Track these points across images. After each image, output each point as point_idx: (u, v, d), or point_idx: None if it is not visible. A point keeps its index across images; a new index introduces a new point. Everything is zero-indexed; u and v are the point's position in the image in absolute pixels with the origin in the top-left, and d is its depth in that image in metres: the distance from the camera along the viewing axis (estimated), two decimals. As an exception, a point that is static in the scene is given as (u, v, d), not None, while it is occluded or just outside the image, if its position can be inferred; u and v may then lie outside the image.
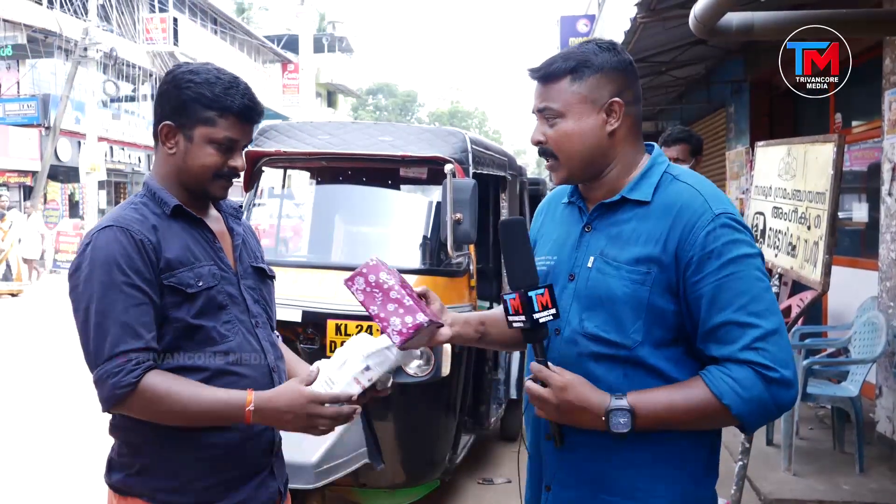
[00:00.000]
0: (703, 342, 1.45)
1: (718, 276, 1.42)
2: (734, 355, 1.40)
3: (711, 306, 1.42)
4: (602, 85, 1.53)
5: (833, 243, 3.02)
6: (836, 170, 3.00)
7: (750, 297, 1.41)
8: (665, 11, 5.24)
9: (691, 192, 1.50)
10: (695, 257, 1.43)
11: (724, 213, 1.46)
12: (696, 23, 3.77)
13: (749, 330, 1.39)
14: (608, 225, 1.55)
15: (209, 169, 1.70)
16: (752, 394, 1.38)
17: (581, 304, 1.53)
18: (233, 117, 1.69)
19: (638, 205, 1.52)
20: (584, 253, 1.57)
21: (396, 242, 4.37)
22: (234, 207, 1.92)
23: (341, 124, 4.59)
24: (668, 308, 1.47)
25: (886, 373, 4.78)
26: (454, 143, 4.15)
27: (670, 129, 4.25)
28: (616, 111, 1.53)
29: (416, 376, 3.60)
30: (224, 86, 1.68)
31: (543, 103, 1.56)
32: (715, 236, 1.43)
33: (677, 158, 4.07)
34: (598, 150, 1.55)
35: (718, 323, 1.41)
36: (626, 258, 1.49)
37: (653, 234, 1.48)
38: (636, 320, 1.47)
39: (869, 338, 4.73)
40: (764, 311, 1.41)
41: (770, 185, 3.77)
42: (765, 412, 1.41)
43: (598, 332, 1.51)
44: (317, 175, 5.29)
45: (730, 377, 1.39)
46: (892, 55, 4.74)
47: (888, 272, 4.77)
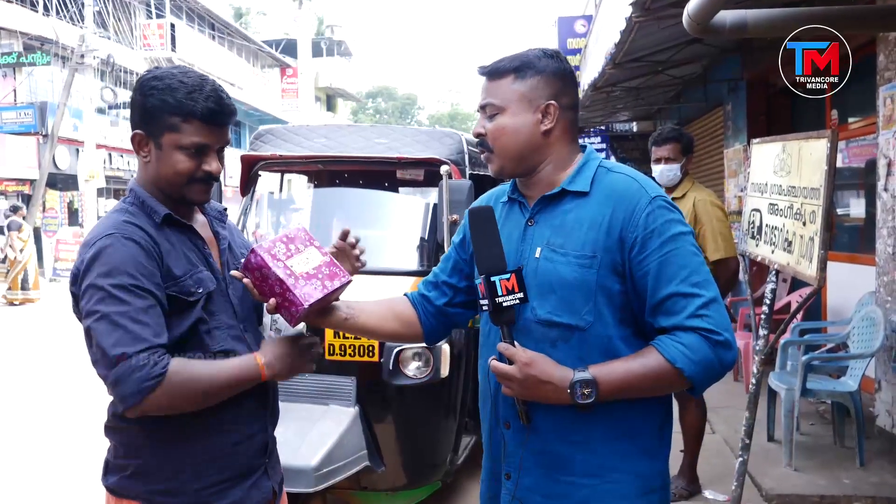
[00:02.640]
0: (652, 315, 1.55)
1: (661, 253, 1.54)
2: (682, 323, 1.51)
3: (657, 281, 1.54)
4: (541, 87, 1.65)
5: (828, 239, 3.03)
6: (830, 165, 3.01)
7: (690, 269, 1.54)
8: (659, 11, 5.24)
9: (626, 180, 1.63)
10: (638, 237, 1.55)
11: (658, 196, 1.59)
12: (690, 21, 3.78)
13: (693, 300, 1.52)
14: (551, 217, 1.66)
15: (182, 175, 1.70)
16: (700, 356, 1.50)
17: (531, 293, 1.60)
18: (197, 122, 1.67)
19: (577, 196, 1.64)
20: (530, 245, 1.66)
21: (394, 244, 4.38)
22: (218, 211, 1.92)
23: (338, 127, 4.60)
24: (615, 288, 1.58)
25: (885, 367, 4.79)
26: (450, 145, 4.16)
27: (660, 129, 4.27)
28: (551, 113, 1.65)
29: (415, 378, 3.60)
30: (187, 90, 1.66)
31: (487, 99, 1.68)
32: (654, 217, 1.56)
33: (669, 157, 4.09)
34: (530, 146, 1.66)
35: (665, 295, 1.53)
36: (572, 245, 1.60)
37: (595, 220, 1.59)
38: (587, 302, 1.58)
39: (867, 332, 4.74)
40: (703, 282, 1.54)
41: (766, 181, 3.78)
42: (712, 372, 1.53)
43: (552, 317, 1.60)
44: (314, 178, 5.30)
45: (680, 343, 1.50)
46: (885, 51, 4.75)
47: (885, 267, 4.78)
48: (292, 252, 1.70)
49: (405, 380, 3.57)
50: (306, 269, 1.69)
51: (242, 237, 2.00)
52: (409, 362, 3.61)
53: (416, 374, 3.61)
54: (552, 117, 1.65)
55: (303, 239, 1.74)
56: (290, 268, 1.66)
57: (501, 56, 1.70)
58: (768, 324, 3.68)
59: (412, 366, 3.61)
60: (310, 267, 1.69)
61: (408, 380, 3.58)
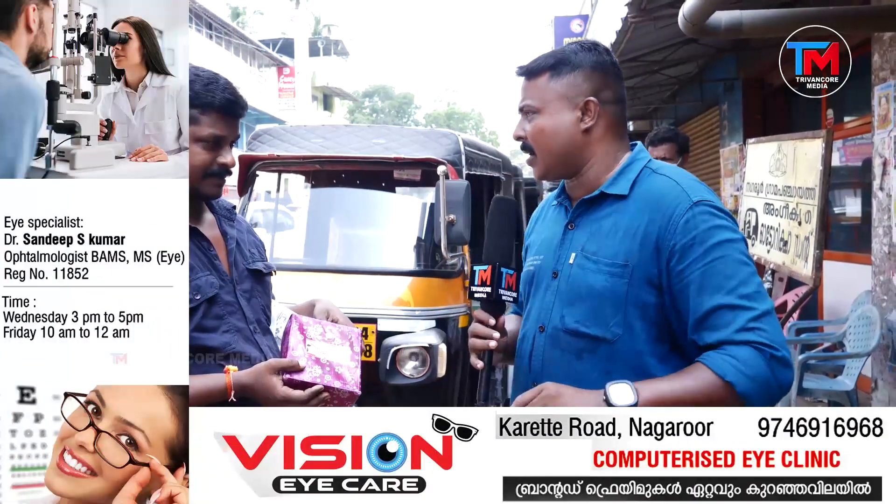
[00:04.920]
0: (696, 331, 1.43)
1: (704, 262, 1.41)
2: (731, 338, 1.38)
3: (700, 293, 1.41)
4: (579, 83, 1.56)
5: (823, 238, 3.05)
6: (825, 165, 3.03)
7: (738, 280, 1.40)
8: (655, 11, 5.26)
9: (668, 183, 1.51)
10: (677, 246, 1.43)
11: (702, 201, 1.46)
12: (686, 22, 3.80)
13: (742, 312, 1.38)
14: (590, 221, 1.57)
15: (198, 168, 1.68)
16: (754, 371, 1.36)
17: (562, 300, 1.54)
18: (215, 113, 1.67)
19: (616, 199, 1.54)
20: (567, 250, 1.58)
21: (391, 244, 4.39)
22: (227, 209, 1.88)
23: (335, 127, 4.62)
24: (650, 301, 1.47)
25: (881, 366, 4.80)
26: (447, 145, 4.17)
27: (656, 129, 4.29)
28: (591, 110, 1.55)
29: (411, 378, 3.61)
30: (203, 82, 1.66)
31: (525, 100, 1.60)
32: (695, 223, 1.43)
33: (664, 157, 4.09)
34: (571, 147, 1.57)
35: (710, 308, 1.40)
36: (604, 253, 1.50)
37: (630, 227, 1.49)
38: (616, 314, 1.47)
39: (863, 331, 4.76)
40: (754, 294, 1.40)
41: (761, 181, 3.80)
42: (768, 389, 1.38)
43: (579, 327, 1.51)
44: (311, 178, 5.31)
45: (730, 356, 1.37)
46: (880, 51, 4.76)
47: (881, 266, 4.79)
48: (324, 339, 1.73)
49: (402, 380, 3.58)
50: (322, 354, 1.70)
51: (254, 234, 1.95)
52: (405, 362, 3.62)
53: (413, 374, 3.62)
54: (592, 114, 1.55)
55: (346, 336, 1.77)
56: (309, 345, 1.69)
57: (540, 54, 1.64)
58: (765, 323, 3.69)
59: (409, 365, 3.62)
60: (326, 355, 1.71)
61: (404, 380, 3.59)
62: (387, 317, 3.71)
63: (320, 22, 45.65)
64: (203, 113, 1.66)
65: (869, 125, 5.27)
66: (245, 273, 1.81)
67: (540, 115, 1.57)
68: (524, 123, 1.61)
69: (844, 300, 5.66)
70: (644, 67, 8.12)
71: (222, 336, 1.69)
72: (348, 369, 1.72)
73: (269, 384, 1.61)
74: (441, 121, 55.87)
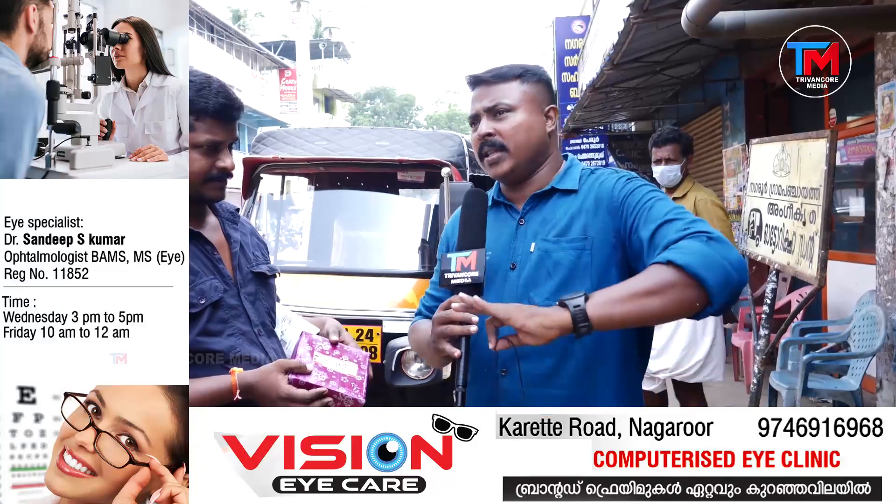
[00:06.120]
0: (648, 255, 1.53)
1: (643, 203, 1.58)
2: (671, 238, 1.49)
3: (646, 225, 1.55)
4: (542, 92, 1.74)
5: (828, 238, 3.04)
6: (830, 165, 3.02)
7: (676, 211, 1.55)
8: (658, 11, 5.25)
9: (606, 171, 1.73)
10: (622, 198, 1.62)
11: (633, 177, 1.67)
12: (688, 23, 3.79)
13: (678, 222, 1.52)
14: (541, 215, 1.70)
15: (198, 174, 1.67)
16: (695, 249, 1.43)
17: (527, 285, 1.63)
18: (209, 118, 1.66)
19: (565, 194, 1.70)
20: (523, 242, 1.69)
21: (395, 246, 4.40)
22: (230, 212, 1.87)
23: (338, 130, 4.62)
24: (614, 260, 1.61)
25: (886, 366, 4.78)
26: (451, 147, 4.17)
27: (659, 130, 4.28)
28: (552, 117, 1.74)
29: (416, 379, 3.62)
30: (195, 88, 1.65)
31: (494, 101, 1.70)
32: (631, 184, 1.64)
33: (668, 158, 4.09)
34: (540, 145, 1.72)
35: (653, 230, 1.53)
36: (564, 235, 1.65)
37: (581, 209, 1.66)
38: (584, 283, 1.59)
39: (868, 331, 4.74)
40: (687, 215, 1.54)
41: (765, 181, 3.79)
42: (716, 267, 1.42)
43: (550, 301, 1.56)
44: (315, 180, 5.32)
45: (672, 249, 1.46)
46: (883, 51, 4.75)
47: (885, 266, 4.78)
48: (332, 355, 1.73)
49: (407, 381, 3.58)
50: (330, 365, 1.70)
51: (258, 237, 1.95)
52: (410, 364, 3.62)
53: (418, 376, 3.62)
54: (553, 120, 1.74)
55: (354, 356, 1.77)
56: (317, 357, 1.70)
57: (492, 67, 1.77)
58: (769, 323, 3.69)
59: (414, 367, 3.62)
60: (334, 367, 1.71)
61: (409, 381, 3.60)
62: (392, 318, 3.71)
63: (321, 24, 45.71)
64: (198, 119, 1.66)
65: (872, 125, 5.26)
66: (249, 276, 1.80)
67: (515, 112, 1.69)
68: (493, 122, 1.70)
69: (848, 300, 5.64)
70: (646, 68, 8.11)
71: (227, 340, 1.68)
72: (354, 381, 1.72)
73: (274, 382, 1.61)
74: (442, 122, 55.85)
